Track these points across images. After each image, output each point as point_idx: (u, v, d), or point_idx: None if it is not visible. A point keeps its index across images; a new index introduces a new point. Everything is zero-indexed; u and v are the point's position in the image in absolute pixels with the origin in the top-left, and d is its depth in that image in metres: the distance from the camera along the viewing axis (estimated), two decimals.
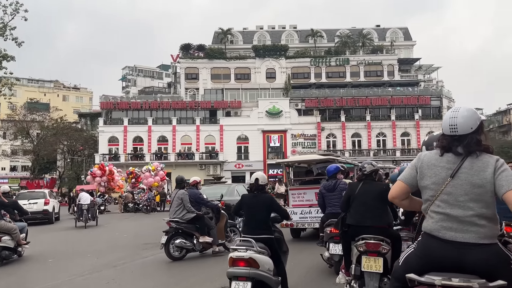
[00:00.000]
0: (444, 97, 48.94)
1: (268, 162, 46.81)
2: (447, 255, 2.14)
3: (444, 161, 2.25)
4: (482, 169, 2.16)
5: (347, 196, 4.81)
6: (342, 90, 49.77)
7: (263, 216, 4.85)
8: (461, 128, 2.22)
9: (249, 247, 4.42)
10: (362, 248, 4.25)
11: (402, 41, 57.16)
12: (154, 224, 16.29)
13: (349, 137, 47.92)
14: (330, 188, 6.62)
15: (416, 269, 2.22)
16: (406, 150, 47.47)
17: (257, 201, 4.90)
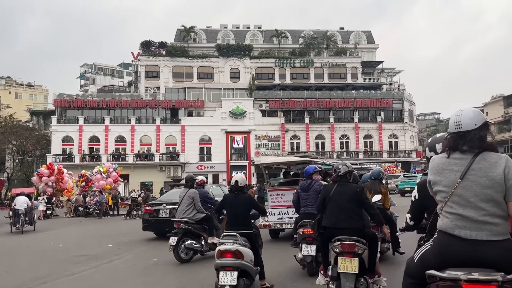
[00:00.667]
0: (406, 100, 49.56)
1: (232, 163, 45.75)
2: (463, 251, 2.22)
3: (452, 164, 2.33)
4: (490, 170, 2.22)
5: (322, 197, 4.85)
6: (306, 91, 49.43)
7: (244, 214, 5.46)
8: (465, 124, 2.31)
9: (235, 241, 4.99)
10: (337, 249, 4.32)
11: (365, 44, 57.59)
12: (101, 231, 14.91)
13: (313, 139, 47.58)
14: (305, 188, 6.66)
15: (433, 266, 2.30)
16: (369, 153, 47.67)
17: (238, 200, 5.48)
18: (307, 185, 6.70)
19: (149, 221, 11.33)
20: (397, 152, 48.08)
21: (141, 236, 11.74)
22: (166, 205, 11.03)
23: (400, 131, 48.50)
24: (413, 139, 51.74)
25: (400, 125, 48.60)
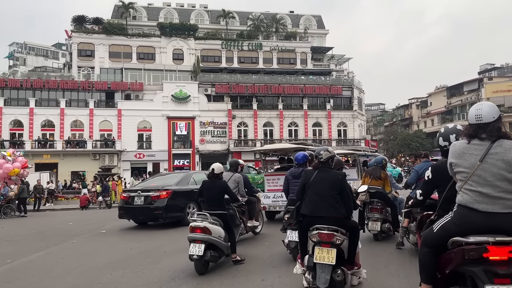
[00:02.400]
0: (355, 88, 48.55)
1: (174, 151, 42.46)
2: (480, 222, 2.64)
3: (472, 149, 2.78)
4: (506, 154, 2.66)
5: (302, 184, 4.76)
6: (254, 76, 46.92)
7: (218, 197, 6.40)
8: (485, 117, 2.77)
9: (204, 219, 5.98)
10: (315, 239, 4.22)
11: (315, 29, 55.93)
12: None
13: (261, 126, 45.33)
14: (296, 175, 6.66)
15: (454, 235, 2.72)
16: (318, 141, 46.17)
17: (214, 186, 6.45)
18: (299, 172, 6.64)
19: (125, 208, 11.15)
20: (346, 141, 47.06)
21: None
22: (141, 192, 10.87)
23: (349, 119, 47.46)
24: (362, 127, 51.04)
25: (349, 113, 47.54)
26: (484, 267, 2.52)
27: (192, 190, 10.80)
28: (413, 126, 68.82)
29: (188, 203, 10.92)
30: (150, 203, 10.53)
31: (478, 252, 2.53)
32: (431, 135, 60.66)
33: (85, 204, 19.47)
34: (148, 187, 11.17)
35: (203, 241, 5.71)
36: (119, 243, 8.95)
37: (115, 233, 10.65)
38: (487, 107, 2.81)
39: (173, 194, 10.56)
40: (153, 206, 10.37)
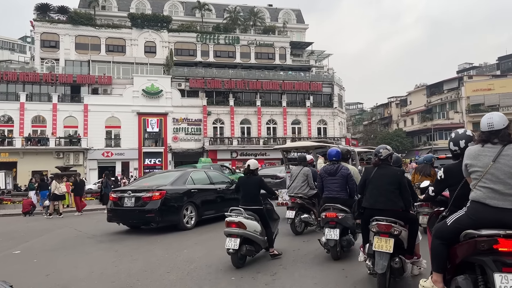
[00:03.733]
0: (335, 84, 46.92)
1: (145, 150, 39.85)
2: (491, 216, 2.95)
3: (486, 151, 3.14)
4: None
5: (363, 179, 5.04)
6: (231, 71, 44.69)
7: (254, 192, 6.47)
8: (496, 125, 3.15)
9: (238, 214, 6.12)
10: (374, 229, 4.48)
11: (294, 23, 54.09)
12: None
13: (238, 124, 43.17)
14: (332, 172, 6.46)
15: (467, 228, 3.05)
16: (297, 139, 44.31)
17: (249, 182, 6.55)
18: (334, 169, 6.46)
19: (113, 210, 10.08)
20: (326, 139, 45.30)
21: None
22: (131, 192, 9.84)
23: (330, 116, 45.79)
24: (342, 125, 49.50)
25: (329, 111, 45.87)
26: (494, 257, 2.80)
27: (189, 190, 10.10)
28: (392, 125, 67.92)
29: (185, 205, 9.88)
30: (141, 205, 9.47)
31: (489, 244, 2.84)
32: (411, 134, 59.85)
33: (28, 209, 16.37)
34: (140, 187, 10.14)
35: (238, 235, 5.86)
36: (13, 276, 5.73)
37: (30, 256, 7.63)
38: (498, 116, 3.22)
39: (168, 195, 9.53)
40: (145, 209, 9.36)
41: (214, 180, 11.22)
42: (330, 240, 5.93)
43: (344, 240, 6.07)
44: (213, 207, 10.60)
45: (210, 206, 10.55)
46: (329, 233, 5.94)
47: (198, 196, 10.23)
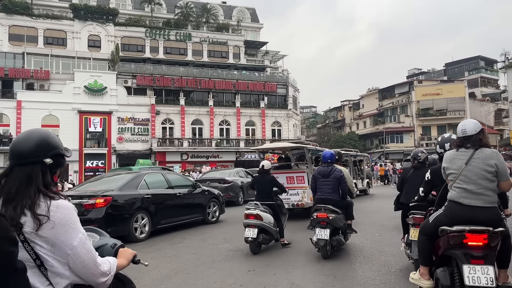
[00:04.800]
0: (290, 86, 45.92)
1: (86, 151, 36.74)
2: (465, 214, 3.26)
3: (459, 155, 3.47)
4: (486, 159, 3.33)
5: (401, 178, 5.90)
6: (182, 68, 42.45)
7: (267, 190, 7.42)
8: (469, 131, 3.46)
9: (256, 207, 7.03)
10: (410, 222, 5.00)
11: (249, 22, 52.68)
12: None
13: (189, 124, 40.99)
14: (325, 174, 6.66)
15: (444, 224, 3.34)
16: (251, 141, 42.87)
17: (264, 180, 7.49)
18: (328, 171, 6.67)
19: None
20: (281, 141, 44.20)
21: None
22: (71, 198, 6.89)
23: (284, 118, 44.69)
24: (297, 127, 48.59)
25: (284, 112, 44.77)
26: (464, 250, 3.13)
27: (142, 196, 8.77)
28: (345, 128, 68.23)
29: (136, 213, 8.55)
30: (82, 214, 7.87)
31: (459, 239, 3.16)
32: (364, 137, 60.22)
33: None
34: (84, 192, 8.66)
35: (256, 226, 6.78)
36: None
37: None
38: (471, 123, 3.53)
39: (115, 202, 8.21)
40: (87, 218, 7.92)
41: (174, 184, 10.03)
42: (321, 240, 6.14)
43: (335, 240, 6.29)
44: (172, 215, 9.53)
45: (168, 214, 9.39)
46: (320, 233, 6.16)
47: (153, 202, 8.96)
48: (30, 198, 1.70)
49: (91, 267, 1.75)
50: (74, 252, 1.70)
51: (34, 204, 1.69)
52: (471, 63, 66.71)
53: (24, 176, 1.75)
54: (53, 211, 1.69)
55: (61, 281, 1.71)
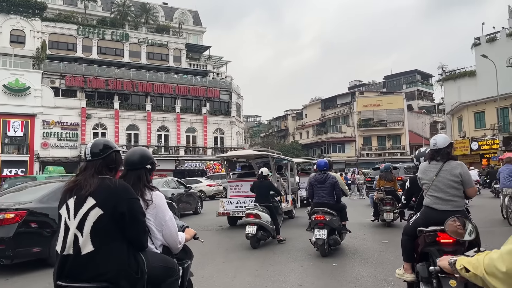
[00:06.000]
0: (234, 92, 44.40)
1: (4, 157, 32.72)
2: (438, 217, 3.66)
3: (431, 167, 3.95)
4: (453, 170, 3.82)
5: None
6: (117, 70, 39.51)
7: (265, 193, 8.76)
8: (439, 144, 3.95)
9: (255, 208, 8.18)
10: None
11: (191, 25, 50.66)
12: None
13: (124, 130, 38.08)
14: (321, 180, 7.30)
15: (421, 225, 3.81)
16: (191, 149, 40.69)
17: (262, 185, 8.86)
18: (323, 178, 7.30)
19: None
20: (223, 149, 42.39)
21: None
22: None
23: (227, 125, 42.99)
24: (240, 136, 47.05)
25: (227, 119, 43.09)
26: (437, 247, 3.59)
27: None
28: (289, 137, 67.88)
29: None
30: None
31: (432, 237, 3.64)
32: (307, 147, 60.00)
33: None
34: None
35: (255, 224, 7.85)
36: None
37: None
38: (441, 138, 4.05)
39: (30, 217, 6.65)
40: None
41: None
42: (319, 239, 6.73)
43: (331, 239, 6.87)
44: None
45: None
46: (318, 233, 6.75)
47: None
48: (140, 190, 2.66)
49: (174, 236, 2.73)
50: (166, 224, 2.68)
51: (143, 194, 2.65)
52: (409, 77, 69.23)
53: (135, 177, 2.73)
54: (154, 198, 2.68)
55: (157, 242, 2.68)
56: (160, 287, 2.53)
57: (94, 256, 2.18)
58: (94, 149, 2.42)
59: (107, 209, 2.23)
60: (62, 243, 2.27)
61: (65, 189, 2.41)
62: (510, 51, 33.18)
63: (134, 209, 2.31)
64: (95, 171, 2.35)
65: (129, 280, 2.22)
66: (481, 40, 39.56)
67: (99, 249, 2.19)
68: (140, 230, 2.34)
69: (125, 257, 2.24)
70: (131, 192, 2.35)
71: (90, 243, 2.18)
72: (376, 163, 47.76)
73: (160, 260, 2.55)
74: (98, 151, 2.42)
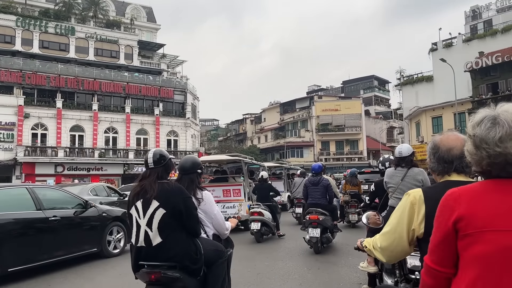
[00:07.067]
0: (189, 93, 42.25)
1: None
2: None
3: (397, 173, 4.58)
4: (416, 176, 4.46)
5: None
6: (61, 66, 36.38)
7: (266, 194, 9.98)
8: (404, 153, 4.57)
9: (259, 207, 9.26)
10: None
11: (145, 21, 48.02)
12: None
13: (67, 131, 35.00)
14: (315, 183, 7.94)
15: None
16: (142, 152, 38.10)
17: (263, 187, 10.20)
18: (317, 180, 7.95)
19: None
20: (177, 153, 40.08)
21: None
22: None
23: (182, 128, 40.76)
24: (196, 138, 44.89)
25: (181, 121, 40.86)
26: None
27: None
28: (247, 142, 66.38)
29: None
30: None
31: None
32: (265, 151, 58.68)
33: None
34: None
35: (259, 220, 8.91)
36: None
37: None
38: (405, 147, 4.69)
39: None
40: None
41: (47, 203, 6.76)
42: (313, 237, 7.38)
43: (324, 237, 7.52)
44: (39, 251, 6.40)
45: (31, 250, 6.27)
46: (312, 232, 7.37)
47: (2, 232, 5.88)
48: (193, 190, 3.31)
49: (222, 225, 3.42)
50: (215, 217, 3.38)
51: (195, 193, 3.31)
52: (366, 82, 69.78)
53: (189, 180, 3.40)
54: (204, 196, 3.36)
55: (209, 231, 3.33)
56: (212, 268, 3.09)
57: (163, 245, 2.81)
58: (155, 158, 2.99)
59: (168, 208, 2.84)
60: (135, 237, 2.89)
61: (134, 193, 3.00)
62: (467, 57, 33.31)
63: (188, 205, 2.92)
64: (156, 177, 2.93)
65: (191, 260, 2.85)
66: (438, 46, 39.84)
67: (166, 239, 2.81)
68: (194, 221, 2.95)
69: (186, 243, 2.87)
70: (185, 192, 2.99)
71: (159, 236, 2.80)
72: (334, 168, 47.45)
73: (211, 245, 3.19)
74: (158, 159, 3.00)
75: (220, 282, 3.18)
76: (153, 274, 2.78)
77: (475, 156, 1.36)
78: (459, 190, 1.39)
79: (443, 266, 1.37)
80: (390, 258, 2.02)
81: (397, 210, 1.91)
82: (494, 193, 1.31)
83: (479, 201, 1.32)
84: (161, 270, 2.76)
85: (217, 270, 3.14)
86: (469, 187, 1.39)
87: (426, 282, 1.45)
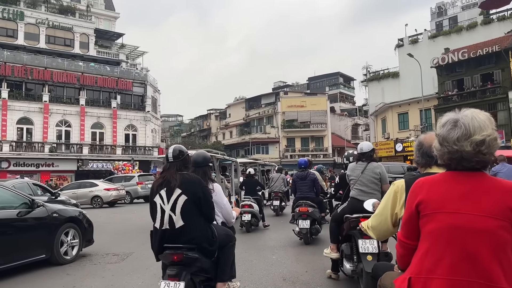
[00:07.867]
0: (149, 85, 40.21)
1: None
2: (361, 206, 3.79)
3: (358, 166, 4.98)
4: (374, 170, 4.88)
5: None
6: (7, 52, 33.54)
7: (253, 188, 11.05)
8: (364, 149, 5.02)
9: (249, 200, 10.19)
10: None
11: (102, 9, 45.36)
12: None
13: (14, 123, 32.34)
14: (303, 177, 8.25)
15: (347, 213, 4.67)
16: (98, 147, 35.86)
17: (250, 182, 11.28)
18: (305, 175, 8.25)
19: None
20: (135, 148, 38.09)
21: None
22: None
23: (141, 122, 38.72)
24: (156, 133, 42.88)
25: (140, 115, 38.80)
26: (359, 230, 4.16)
27: None
28: (211, 138, 64.79)
29: None
30: None
31: (355, 222, 4.31)
32: (230, 147, 57.26)
33: None
34: None
35: (249, 212, 9.64)
36: None
37: None
38: (366, 144, 5.16)
39: None
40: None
41: None
42: (303, 229, 7.66)
43: (314, 228, 7.81)
44: None
45: None
46: (302, 223, 7.66)
47: None
48: (206, 182, 3.57)
49: (230, 214, 3.85)
50: (224, 207, 3.78)
51: (207, 184, 3.57)
52: (332, 79, 69.58)
53: (202, 172, 3.70)
54: (215, 187, 3.71)
55: (218, 219, 3.71)
56: (224, 250, 3.43)
57: (184, 228, 3.14)
58: (174, 153, 3.32)
59: (189, 195, 3.17)
60: (160, 221, 3.20)
61: (157, 184, 3.29)
62: (432, 53, 33.18)
63: (206, 193, 3.25)
64: (176, 169, 3.25)
65: (208, 242, 3.18)
66: (404, 42, 39.70)
67: (188, 223, 3.14)
68: (210, 207, 3.28)
69: (204, 227, 3.20)
70: (203, 182, 3.32)
71: (181, 219, 3.13)
72: None
73: (222, 230, 3.57)
74: (178, 155, 3.32)
75: (230, 263, 3.53)
76: (175, 255, 3.07)
77: (439, 152, 1.66)
78: (424, 179, 1.69)
79: (409, 239, 1.71)
80: (379, 236, 2.33)
81: (385, 197, 2.24)
82: (449, 183, 1.62)
83: (436, 189, 1.62)
84: (183, 252, 3.06)
85: (228, 253, 3.51)
86: (432, 177, 1.69)
87: (398, 251, 1.82)
